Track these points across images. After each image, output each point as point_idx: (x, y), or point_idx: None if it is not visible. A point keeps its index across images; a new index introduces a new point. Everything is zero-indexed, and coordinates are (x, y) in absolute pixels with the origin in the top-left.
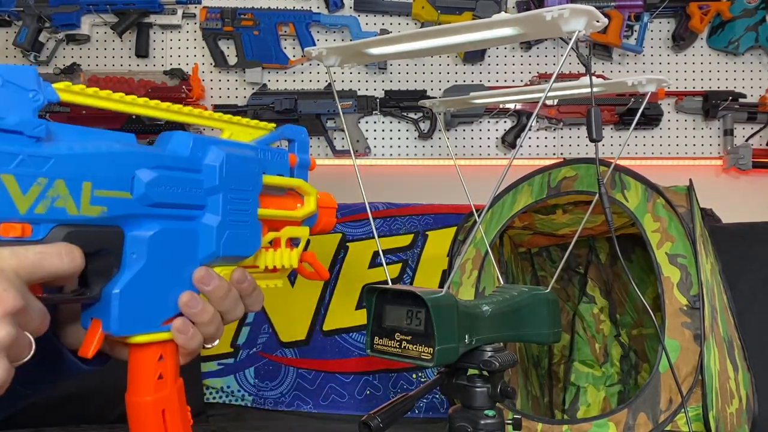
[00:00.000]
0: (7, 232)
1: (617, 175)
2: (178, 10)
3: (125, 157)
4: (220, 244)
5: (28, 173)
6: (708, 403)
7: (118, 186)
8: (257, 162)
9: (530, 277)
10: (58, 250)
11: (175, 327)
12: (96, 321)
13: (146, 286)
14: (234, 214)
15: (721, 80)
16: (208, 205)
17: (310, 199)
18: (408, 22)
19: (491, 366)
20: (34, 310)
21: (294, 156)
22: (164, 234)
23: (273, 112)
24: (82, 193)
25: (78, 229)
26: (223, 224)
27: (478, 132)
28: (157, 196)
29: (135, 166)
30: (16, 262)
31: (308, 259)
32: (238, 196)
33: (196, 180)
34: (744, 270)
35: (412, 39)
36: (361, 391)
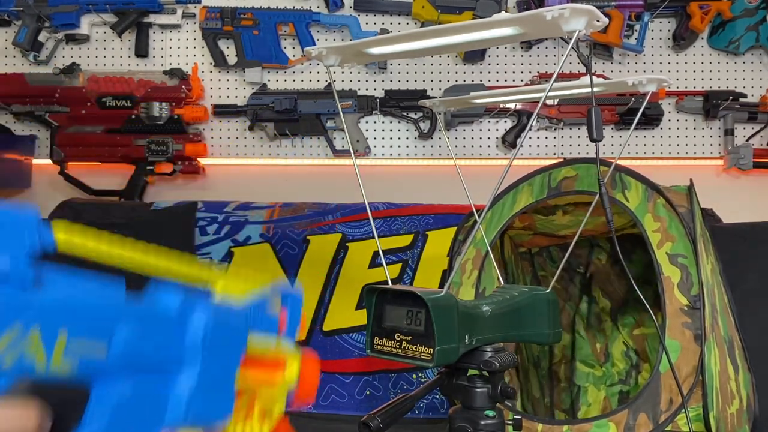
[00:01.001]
0: None
1: (618, 175)
2: (177, 10)
3: (107, 311)
4: (190, 412)
5: (4, 321)
6: (708, 403)
7: (94, 341)
8: (245, 325)
9: (530, 277)
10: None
11: None
12: None
13: None
14: (210, 379)
15: (722, 80)
16: (184, 369)
17: (292, 367)
18: (408, 21)
19: (491, 366)
20: None
21: (284, 317)
22: (132, 395)
23: (273, 111)
24: (55, 346)
25: (42, 386)
26: (197, 390)
27: (478, 132)
28: (133, 355)
29: (116, 321)
30: None
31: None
32: (219, 360)
33: (177, 340)
34: (745, 270)
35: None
36: (361, 391)
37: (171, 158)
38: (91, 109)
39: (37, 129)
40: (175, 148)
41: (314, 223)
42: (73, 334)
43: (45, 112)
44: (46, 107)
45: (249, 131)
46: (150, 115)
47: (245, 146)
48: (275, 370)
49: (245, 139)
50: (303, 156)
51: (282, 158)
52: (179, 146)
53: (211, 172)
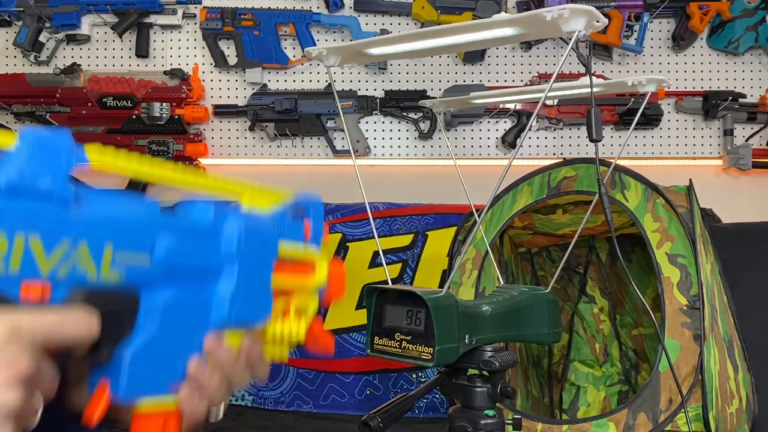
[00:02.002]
0: (28, 292)
1: (617, 175)
2: (178, 10)
3: (146, 224)
4: (233, 312)
5: (54, 235)
6: (708, 403)
7: (138, 251)
8: (274, 232)
9: (530, 277)
10: (76, 316)
11: (182, 393)
12: (104, 384)
13: (157, 350)
14: (248, 282)
15: (721, 80)
16: (223, 273)
17: (321, 269)
18: (408, 22)
19: (491, 366)
20: (46, 374)
21: (308, 225)
22: (179, 299)
23: (273, 112)
24: (103, 257)
25: (95, 293)
26: (237, 292)
27: (478, 132)
28: (175, 263)
29: (155, 233)
30: (34, 325)
31: (315, 331)
32: (254, 265)
33: (213, 248)
34: (744, 270)
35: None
36: (361, 391)
37: (172, 158)
38: (92, 110)
39: None
40: (175, 149)
41: None
42: (118, 246)
43: (46, 113)
44: (46, 107)
45: (249, 131)
46: (151, 115)
47: (245, 146)
48: (306, 272)
49: (245, 139)
50: (303, 156)
51: (282, 158)
52: (180, 146)
53: (211, 173)
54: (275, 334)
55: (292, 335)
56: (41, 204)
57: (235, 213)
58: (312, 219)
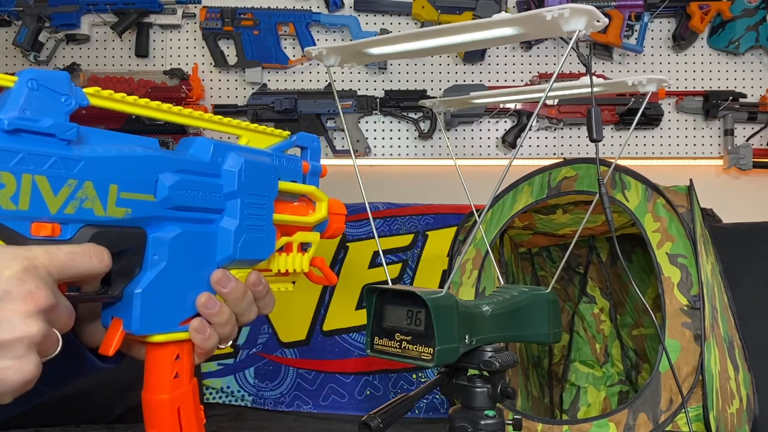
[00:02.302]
0: (38, 230)
1: (617, 175)
2: (178, 10)
3: (149, 161)
4: (237, 248)
5: (60, 174)
6: (708, 403)
7: (142, 189)
8: (273, 168)
9: (530, 277)
10: (88, 250)
11: (192, 327)
12: (117, 320)
13: (166, 287)
14: (251, 218)
15: (722, 80)
16: (226, 209)
17: (321, 205)
18: (408, 22)
19: (491, 366)
20: (63, 308)
21: (307, 163)
22: (185, 236)
23: (273, 111)
24: (109, 195)
25: (104, 230)
26: (241, 228)
27: (478, 132)
28: (179, 200)
29: (158, 170)
30: (48, 261)
31: (317, 264)
32: (255, 201)
33: (215, 184)
34: (744, 270)
35: (412, 39)
36: (361, 391)
37: None
38: (92, 110)
39: None
40: None
41: None
42: (122, 184)
43: None
44: None
45: None
46: None
47: None
48: (307, 208)
49: None
50: None
51: None
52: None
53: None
54: (280, 268)
55: (296, 268)
56: (45, 144)
57: (235, 149)
58: (309, 157)
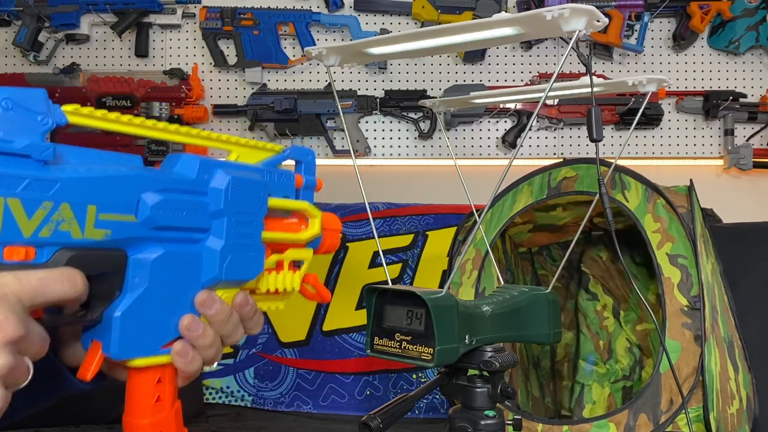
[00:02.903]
0: (11, 255)
1: (617, 175)
2: (177, 10)
3: (131, 181)
4: (223, 268)
5: (34, 197)
6: (709, 403)
7: (123, 209)
8: (263, 185)
9: (530, 277)
10: (61, 275)
11: (175, 350)
12: (96, 343)
13: (148, 310)
14: (238, 237)
15: (722, 80)
16: (212, 229)
17: (314, 221)
18: (408, 21)
19: (491, 366)
20: (34, 336)
21: (300, 177)
22: (167, 257)
23: (273, 111)
24: (87, 217)
25: (81, 253)
26: (227, 248)
27: (478, 132)
28: (162, 220)
29: (140, 189)
30: (18, 288)
31: (310, 281)
32: (243, 219)
33: (201, 203)
34: (745, 270)
35: (412, 39)
36: (361, 391)
37: None
38: None
39: None
40: (175, 149)
41: None
42: (102, 204)
43: None
44: None
45: (249, 131)
46: (150, 115)
47: None
48: (299, 224)
49: None
50: None
51: None
52: (179, 146)
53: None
54: (270, 288)
55: (287, 287)
56: (19, 166)
57: (222, 166)
58: (303, 171)
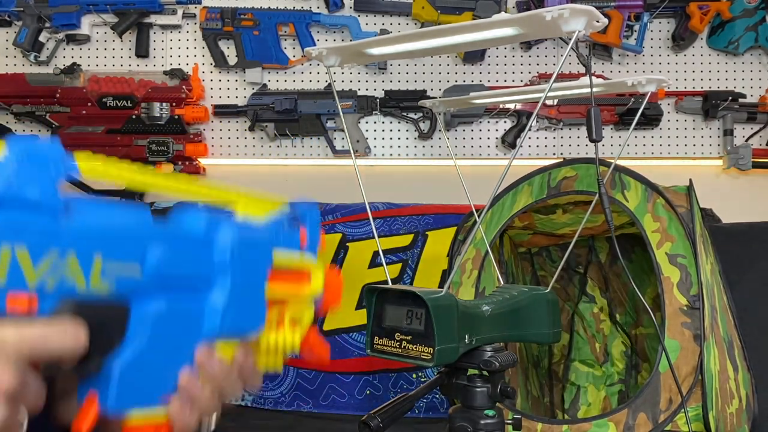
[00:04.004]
0: (14, 305)
1: (617, 175)
2: (178, 10)
3: (137, 233)
4: (225, 323)
5: (41, 246)
6: (708, 403)
7: (129, 262)
8: (269, 241)
9: (530, 277)
10: (63, 328)
11: (172, 406)
12: (93, 395)
13: (147, 362)
14: (241, 292)
15: (721, 80)
16: (216, 284)
17: (317, 277)
18: (408, 22)
19: (491, 366)
20: (32, 389)
21: (305, 234)
22: (170, 311)
23: (273, 112)
24: (93, 267)
25: (85, 304)
26: (230, 303)
27: (478, 132)
28: (166, 273)
29: (147, 243)
30: (18, 339)
31: (311, 341)
32: (247, 274)
33: (206, 258)
34: (744, 270)
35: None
36: (361, 391)
37: (171, 158)
38: (92, 110)
39: (37, 129)
40: (175, 149)
41: None
42: (108, 256)
43: (46, 113)
44: (46, 107)
45: (249, 131)
46: (150, 115)
47: (245, 146)
48: (301, 281)
49: (245, 139)
50: (303, 156)
51: (282, 158)
52: (180, 146)
53: (211, 173)
54: (269, 344)
55: (286, 345)
56: (29, 214)
57: (229, 221)
58: (308, 227)
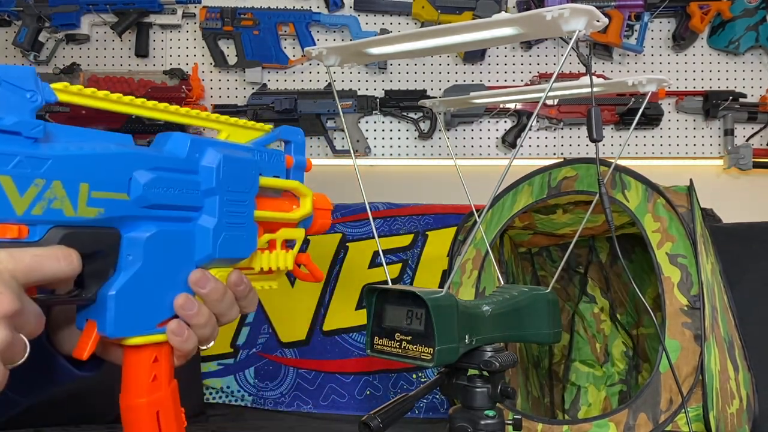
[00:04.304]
0: (4, 233)
1: (617, 175)
2: (177, 10)
3: (122, 159)
4: (217, 246)
5: (26, 174)
6: (708, 403)
7: (115, 187)
8: (254, 164)
9: (530, 277)
10: (56, 252)
11: (170, 329)
12: (91, 322)
13: (142, 288)
14: (230, 216)
15: (722, 80)
16: (204, 207)
17: (305, 200)
18: (408, 21)
19: (491, 366)
20: (30, 313)
21: (290, 157)
22: (161, 236)
23: (273, 111)
24: (80, 195)
25: (75, 231)
26: (220, 226)
27: (478, 132)
28: (154, 198)
29: (132, 168)
30: (12, 265)
31: (303, 261)
32: (235, 198)
33: (193, 182)
34: (744, 270)
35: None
36: (361, 391)
37: None
38: (91, 110)
39: None
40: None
41: None
42: (94, 183)
43: (45, 112)
44: (46, 107)
45: None
46: None
47: None
48: (290, 204)
49: None
50: None
51: None
52: None
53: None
54: (263, 266)
55: (280, 266)
56: (8, 143)
57: (213, 145)
58: (293, 151)
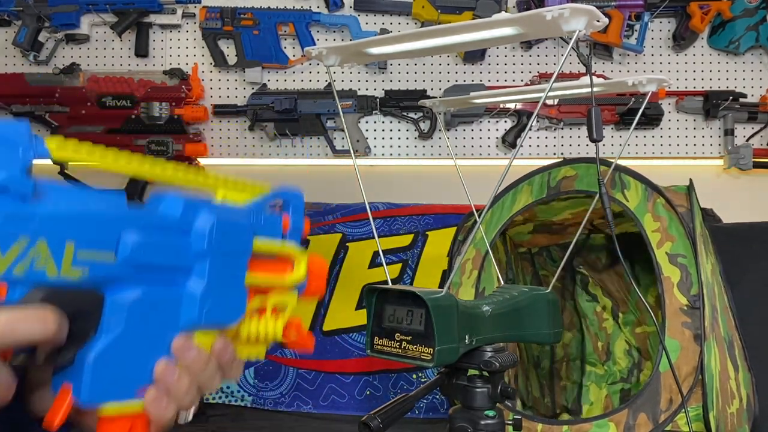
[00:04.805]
0: None
1: (617, 175)
2: (177, 10)
3: (111, 218)
4: (203, 312)
5: (10, 232)
6: (708, 403)
7: (102, 248)
8: (249, 227)
9: (530, 277)
10: (32, 315)
11: (148, 397)
12: (66, 387)
13: (123, 353)
14: (220, 280)
15: (722, 80)
16: (194, 271)
17: (300, 265)
18: (408, 21)
19: (491, 366)
20: (1, 378)
21: (287, 219)
22: (146, 299)
23: (273, 111)
24: (64, 255)
25: (56, 291)
26: (208, 291)
27: (478, 132)
28: (142, 260)
29: (121, 228)
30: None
31: (294, 328)
32: (227, 262)
33: (183, 244)
34: (744, 270)
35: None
36: (361, 391)
37: (171, 158)
38: (91, 109)
39: (37, 129)
40: (175, 148)
41: (314, 223)
42: (80, 242)
43: (45, 112)
44: (46, 107)
45: (249, 131)
46: (150, 115)
47: (245, 146)
48: (284, 269)
49: (245, 139)
50: (303, 156)
51: (282, 158)
52: (179, 146)
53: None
54: (250, 334)
55: (268, 334)
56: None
57: (207, 207)
58: (291, 213)
